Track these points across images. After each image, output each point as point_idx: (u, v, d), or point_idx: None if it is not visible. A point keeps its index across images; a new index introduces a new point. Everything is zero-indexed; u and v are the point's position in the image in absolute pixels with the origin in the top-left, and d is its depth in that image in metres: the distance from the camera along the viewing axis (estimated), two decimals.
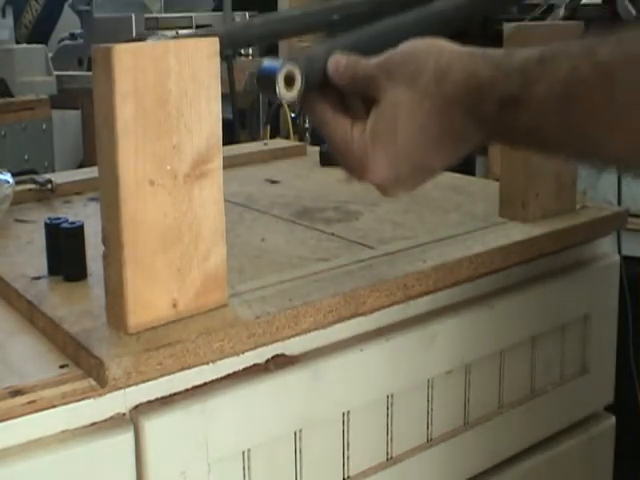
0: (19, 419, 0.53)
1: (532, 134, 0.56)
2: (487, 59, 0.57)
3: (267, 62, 0.64)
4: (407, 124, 0.60)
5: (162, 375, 0.58)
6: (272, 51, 2.18)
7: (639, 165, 0.55)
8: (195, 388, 0.60)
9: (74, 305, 0.65)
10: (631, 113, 0.50)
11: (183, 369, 0.59)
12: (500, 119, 0.56)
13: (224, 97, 0.62)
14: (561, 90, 0.52)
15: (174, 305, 0.61)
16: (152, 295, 0.60)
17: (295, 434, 0.66)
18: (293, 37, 0.66)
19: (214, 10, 2.14)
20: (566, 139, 0.55)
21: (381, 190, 0.65)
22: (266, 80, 0.63)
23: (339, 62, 0.64)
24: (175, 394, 0.59)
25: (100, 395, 0.56)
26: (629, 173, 0.65)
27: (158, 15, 2.03)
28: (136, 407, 0.58)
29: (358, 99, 0.64)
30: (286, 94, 0.63)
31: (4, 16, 1.89)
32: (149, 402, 0.58)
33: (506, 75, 0.55)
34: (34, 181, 1.00)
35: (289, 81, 0.63)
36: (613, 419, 0.94)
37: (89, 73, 1.79)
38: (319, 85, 0.65)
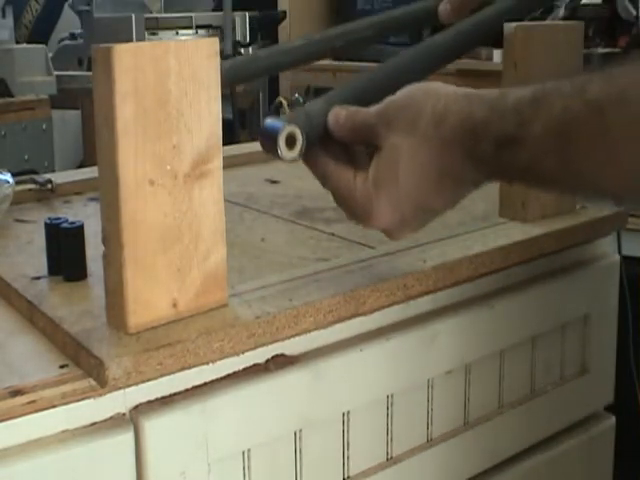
0: (19, 419, 0.53)
1: (528, 172, 0.58)
2: (482, 100, 0.58)
3: (269, 121, 0.66)
4: (408, 168, 0.61)
5: (162, 375, 0.58)
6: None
7: (634, 200, 0.57)
8: (195, 388, 0.60)
9: (74, 305, 0.65)
10: (623, 149, 0.51)
11: (183, 369, 0.59)
12: (497, 159, 0.58)
13: (224, 97, 0.62)
14: (555, 129, 0.54)
15: (174, 305, 0.61)
16: (152, 295, 0.60)
17: (295, 434, 0.66)
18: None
19: (214, 10, 2.14)
20: (562, 176, 0.56)
21: (387, 234, 0.66)
22: (268, 140, 0.65)
23: (339, 115, 0.65)
24: (175, 394, 0.59)
25: (100, 395, 0.56)
26: (625, 206, 0.66)
27: (158, 15, 2.03)
28: (136, 407, 0.58)
29: (359, 149, 0.66)
30: (288, 154, 0.64)
31: (4, 16, 1.89)
32: (149, 402, 0.58)
33: (501, 116, 0.57)
34: (34, 181, 1.00)
35: (290, 141, 0.64)
36: (613, 419, 0.94)
37: (89, 73, 1.79)
38: (320, 139, 0.66)
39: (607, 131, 0.51)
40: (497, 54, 1.83)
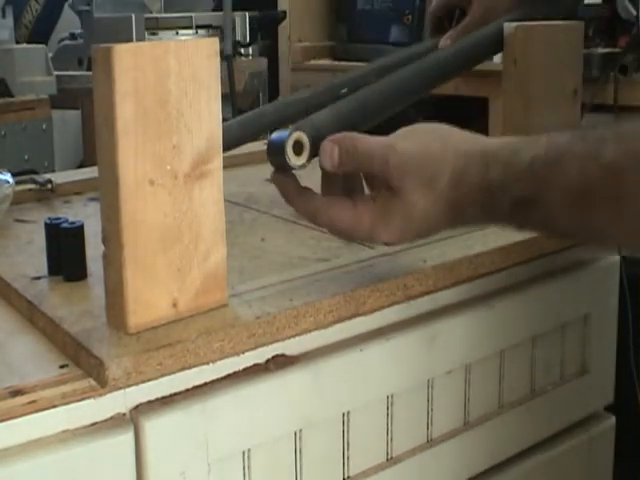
0: (19, 419, 0.53)
1: (543, 227, 0.61)
2: (497, 160, 0.59)
3: (275, 133, 0.66)
4: (421, 217, 0.62)
5: (162, 375, 0.58)
6: (272, 51, 2.18)
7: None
8: (195, 388, 0.60)
9: (74, 305, 0.65)
10: (639, 208, 0.52)
11: (183, 369, 0.59)
12: (512, 216, 0.60)
13: (224, 97, 0.62)
14: (572, 192, 0.55)
15: (174, 305, 0.61)
16: (152, 295, 0.60)
17: (295, 434, 0.66)
18: (305, 117, 0.69)
19: (214, 10, 2.14)
20: (576, 232, 0.58)
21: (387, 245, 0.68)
22: (275, 148, 0.65)
23: (332, 156, 0.64)
24: (175, 394, 0.59)
25: (100, 395, 0.56)
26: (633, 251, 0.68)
27: (158, 15, 2.03)
28: (136, 407, 0.58)
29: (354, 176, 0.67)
30: (296, 161, 0.65)
31: (4, 16, 1.89)
32: (149, 402, 0.58)
33: (516, 177, 0.57)
34: (34, 181, 1.00)
35: (298, 148, 0.65)
36: (613, 419, 0.94)
37: (89, 73, 1.79)
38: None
39: (624, 195, 0.53)
40: (497, 56, 1.83)
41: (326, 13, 2.20)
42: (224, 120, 0.62)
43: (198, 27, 1.98)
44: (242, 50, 2.05)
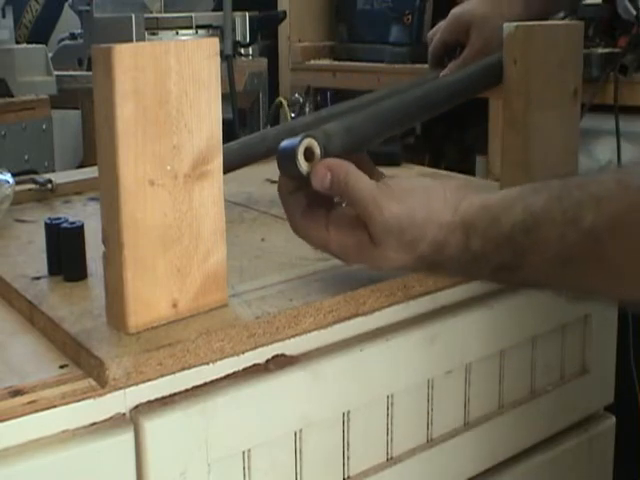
0: (19, 419, 0.53)
1: (525, 286, 0.66)
2: (476, 231, 0.60)
3: (286, 140, 0.66)
4: (396, 268, 0.64)
5: (162, 375, 0.58)
6: (272, 51, 2.18)
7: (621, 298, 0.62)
8: (195, 388, 0.60)
9: (74, 305, 0.65)
10: (623, 272, 0.54)
11: (183, 369, 0.59)
12: (494, 278, 0.63)
13: (224, 97, 0.62)
14: (553, 259, 0.56)
15: (174, 305, 0.61)
16: (152, 295, 0.60)
17: (295, 434, 0.66)
18: None
19: (214, 10, 2.13)
20: (559, 290, 0.61)
21: None
22: (286, 154, 0.65)
23: (324, 180, 0.64)
24: (175, 394, 0.59)
25: (100, 395, 0.56)
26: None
27: (158, 15, 2.03)
28: (136, 407, 0.58)
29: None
30: (306, 167, 0.64)
31: (4, 16, 1.88)
32: (149, 402, 0.58)
33: (497, 247, 0.59)
34: (34, 181, 1.00)
35: (309, 154, 0.64)
36: (613, 419, 0.94)
37: (89, 73, 1.79)
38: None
39: (606, 258, 0.54)
40: None
41: (326, 13, 2.20)
42: (224, 120, 0.62)
43: (198, 27, 1.98)
44: (242, 50, 2.05)
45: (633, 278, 0.54)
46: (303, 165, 0.64)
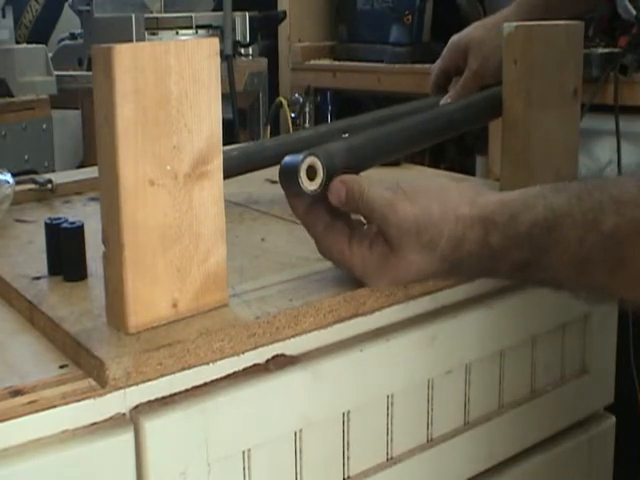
0: (19, 419, 0.53)
1: (542, 285, 0.64)
2: (496, 227, 0.60)
3: (288, 157, 0.66)
4: (416, 274, 0.64)
5: (162, 375, 0.58)
6: (272, 51, 2.18)
7: None
8: (195, 388, 0.60)
9: (74, 305, 0.65)
10: None
11: (183, 369, 0.59)
12: (512, 275, 0.62)
13: (224, 97, 0.62)
14: (572, 259, 0.56)
15: (174, 305, 0.61)
16: (152, 295, 0.60)
17: (295, 434, 0.66)
18: None
19: (214, 10, 2.13)
20: (576, 290, 0.61)
21: None
22: (289, 173, 0.65)
23: (340, 195, 0.65)
24: (175, 394, 0.59)
25: (100, 395, 0.56)
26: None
27: (158, 15, 2.03)
28: (136, 407, 0.58)
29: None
30: (309, 186, 0.64)
31: (4, 16, 1.88)
32: (149, 402, 0.58)
33: (516, 244, 0.58)
34: (34, 181, 1.00)
35: (311, 173, 0.64)
36: (613, 419, 0.94)
37: (89, 73, 1.79)
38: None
39: (626, 263, 0.54)
40: None
41: (326, 13, 2.20)
42: (224, 120, 0.62)
43: (198, 27, 1.98)
44: (242, 50, 2.05)
45: None
46: (305, 183, 0.64)
